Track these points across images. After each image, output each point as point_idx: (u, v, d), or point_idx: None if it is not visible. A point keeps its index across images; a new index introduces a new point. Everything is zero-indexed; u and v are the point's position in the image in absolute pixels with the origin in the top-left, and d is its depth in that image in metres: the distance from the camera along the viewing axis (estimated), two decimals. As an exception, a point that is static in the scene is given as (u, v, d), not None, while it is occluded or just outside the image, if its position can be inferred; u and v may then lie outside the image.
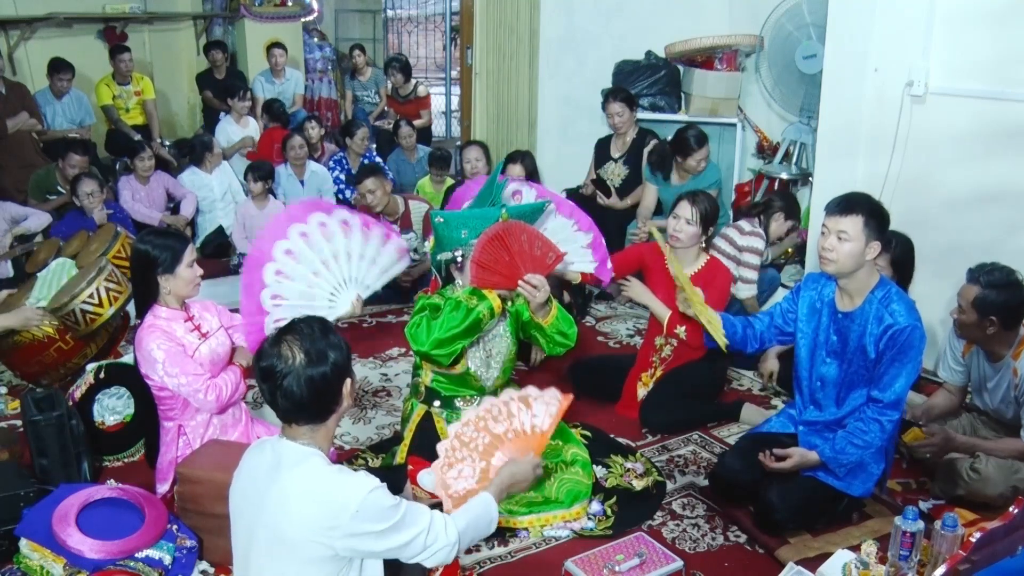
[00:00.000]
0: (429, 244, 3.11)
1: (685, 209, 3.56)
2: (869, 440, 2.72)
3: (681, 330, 3.58)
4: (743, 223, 4.24)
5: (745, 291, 4.19)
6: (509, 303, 3.14)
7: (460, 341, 2.85)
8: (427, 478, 2.60)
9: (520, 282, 2.85)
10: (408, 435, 3.09)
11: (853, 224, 2.65)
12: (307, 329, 1.92)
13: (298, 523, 1.82)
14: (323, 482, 1.84)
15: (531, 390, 2.46)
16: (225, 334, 3.06)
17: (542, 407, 2.41)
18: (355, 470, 1.90)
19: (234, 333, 3.11)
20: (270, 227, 3.04)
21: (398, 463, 3.05)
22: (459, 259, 2.95)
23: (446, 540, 1.95)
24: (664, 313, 3.61)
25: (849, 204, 2.68)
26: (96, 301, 3.48)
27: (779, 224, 4.31)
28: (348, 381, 1.95)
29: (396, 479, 2.77)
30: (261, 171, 5.58)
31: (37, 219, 5.11)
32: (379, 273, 3.17)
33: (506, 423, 2.39)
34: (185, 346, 2.88)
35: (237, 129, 6.72)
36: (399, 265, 3.24)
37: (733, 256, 4.17)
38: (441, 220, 2.97)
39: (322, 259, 3.04)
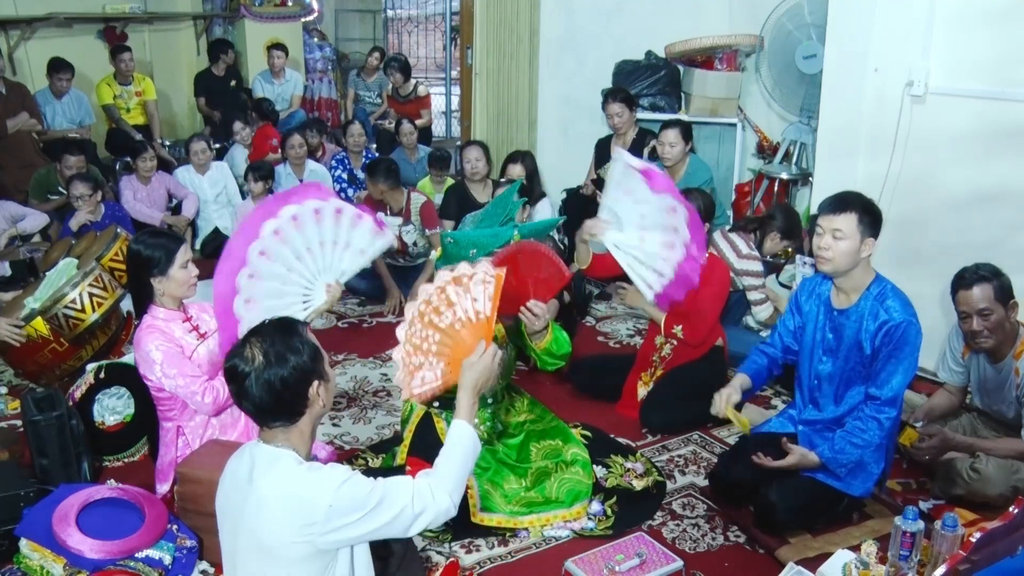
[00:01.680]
0: (436, 254, 3.08)
1: None
2: (868, 439, 2.72)
3: (678, 329, 3.62)
4: (740, 243, 4.14)
5: (762, 313, 4.17)
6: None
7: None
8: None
9: (522, 308, 2.81)
10: (408, 436, 3.09)
11: (847, 222, 2.66)
12: (271, 331, 1.90)
13: (277, 527, 1.81)
14: (295, 483, 1.83)
15: (464, 268, 2.24)
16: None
17: (480, 288, 2.22)
18: (354, 471, 1.89)
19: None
20: (243, 228, 2.76)
21: (398, 463, 3.05)
22: None
23: (436, 508, 1.90)
24: (660, 316, 3.65)
25: (843, 202, 2.70)
26: (79, 307, 3.47)
27: (774, 243, 4.24)
28: (316, 383, 1.90)
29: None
30: (261, 171, 5.57)
31: (34, 220, 5.11)
32: (355, 255, 2.93)
33: (450, 314, 2.23)
34: (183, 347, 2.87)
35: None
36: (378, 243, 2.95)
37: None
38: (451, 241, 2.94)
39: (296, 254, 2.82)
